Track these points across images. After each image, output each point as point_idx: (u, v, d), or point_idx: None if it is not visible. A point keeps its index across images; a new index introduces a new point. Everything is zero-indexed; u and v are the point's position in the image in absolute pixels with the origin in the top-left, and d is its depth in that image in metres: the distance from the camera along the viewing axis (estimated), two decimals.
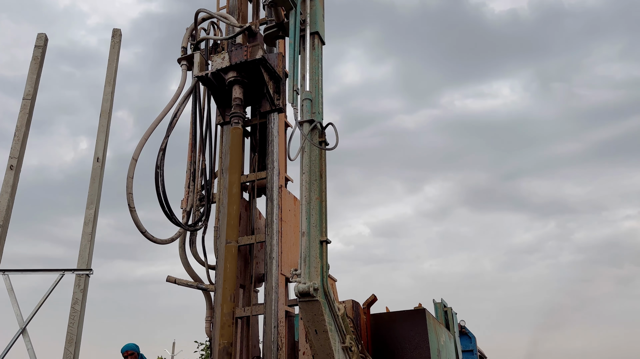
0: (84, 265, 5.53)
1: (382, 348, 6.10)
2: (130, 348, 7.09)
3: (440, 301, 8.09)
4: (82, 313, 5.27)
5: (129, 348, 7.11)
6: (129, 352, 7.11)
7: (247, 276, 5.52)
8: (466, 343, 10.65)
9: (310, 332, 4.04)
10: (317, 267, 4.04)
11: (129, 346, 7.15)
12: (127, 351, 7.11)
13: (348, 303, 5.75)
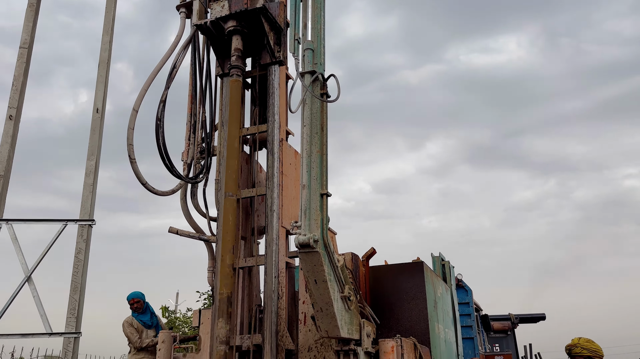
0: (86, 215, 5.59)
1: (380, 298, 6.24)
2: (136, 296, 7.31)
3: (438, 255, 8.21)
4: (86, 262, 5.38)
5: (135, 295, 7.33)
6: (135, 300, 7.33)
7: (248, 228, 5.58)
8: (462, 295, 10.91)
9: (310, 282, 4.12)
10: (318, 219, 4.08)
11: (135, 294, 7.37)
12: (133, 298, 7.32)
13: (347, 256, 5.84)
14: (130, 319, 7.33)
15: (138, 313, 7.39)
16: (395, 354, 4.59)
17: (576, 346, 3.99)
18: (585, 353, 3.90)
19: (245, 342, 4.96)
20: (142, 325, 7.30)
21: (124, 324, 7.27)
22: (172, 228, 5.61)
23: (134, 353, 7.14)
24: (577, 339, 4.04)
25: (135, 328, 7.24)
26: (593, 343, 3.95)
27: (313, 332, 5.15)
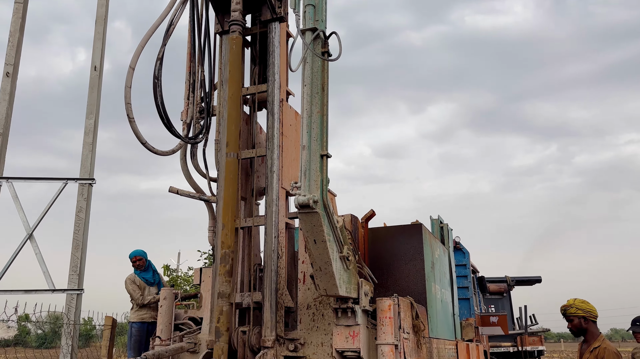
0: (86, 174, 5.59)
1: (379, 259, 6.32)
2: (138, 254, 7.42)
3: (437, 218, 8.27)
4: (87, 221, 5.42)
5: (137, 253, 7.43)
6: (138, 257, 7.44)
7: (248, 189, 5.59)
8: (460, 257, 11.05)
9: (309, 242, 4.15)
10: (317, 180, 4.08)
11: (137, 252, 7.47)
12: (136, 256, 7.43)
13: (347, 217, 5.88)
14: (132, 276, 7.45)
15: (140, 271, 7.51)
16: (392, 312, 4.68)
17: (571, 306, 4.02)
18: (580, 313, 3.94)
19: (246, 299, 5.05)
20: (144, 282, 7.43)
21: (126, 281, 7.40)
22: (172, 188, 5.63)
23: (136, 309, 7.29)
24: (573, 300, 4.07)
25: (137, 285, 7.37)
26: (588, 304, 4.00)
27: (312, 290, 5.24)
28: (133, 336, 7.08)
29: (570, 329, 4.09)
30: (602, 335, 3.95)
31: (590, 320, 3.94)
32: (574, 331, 4.05)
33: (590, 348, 3.85)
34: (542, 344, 16.63)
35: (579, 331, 3.98)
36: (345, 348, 4.67)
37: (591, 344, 3.88)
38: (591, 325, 3.94)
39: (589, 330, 3.93)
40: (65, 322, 5.13)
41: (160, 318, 5.59)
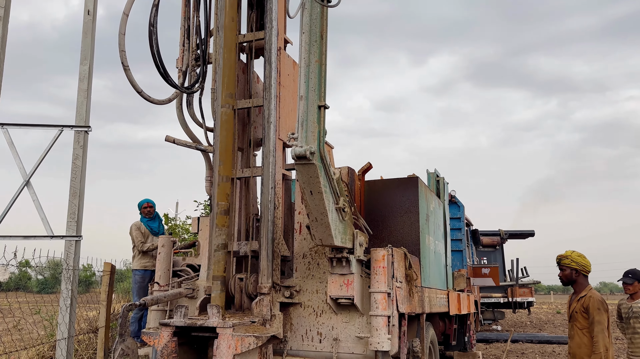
0: (82, 121, 5.54)
1: (374, 211, 6.39)
2: (150, 201, 7.65)
3: (434, 171, 8.29)
4: (84, 168, 5.42)
5: (148, 200, 7.69)
6: (149, 204, 7.69)
7: (245, 140, 5.56)
8: (454, 210, 11.17)
9: (305, 193, 4.18)
10: (315, 131, 4.05)
11: (148, 199, 7.70)
12: (148, 203, 7.68)
13: (344, 169, 5.89)
14: (138, 223, 7.59)
15: (148, 219, 7.67)
16: (385, 262, 4.78)
17: (567, 257, 4.09)
18: (573, 266, 4.03)
19: (243, 248, 5.13)
20: (150, 231, 7.56)
21: (132, 227, 7.53)
22: (168, 137, 5.60)
23: (139, 257, 7.42)
24: (571, 251, 4.14)
25: (142, 233, 7.50)
26: (584, 259, 4.07)
27: (308, 240, 5.32)
28: (137, 282, 7.27)
29: (560, 278, 4.19)
30: (590, 286, 4.07)
31: (581, 273, 4.04)
32: (563, 280, 4.16)
33: (577, 297, 4.00)
34: (532, 296, 17.13)
35: (568, 281, 4.10)
36: (340, 295, 4.80)
37: (579, 294, 4.02)
38: (581, 278, 4.05)
39: (578, 281, 4.05)
40: (64, 268, 5.22)
41: (158, 264, 5.70)
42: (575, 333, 3.95)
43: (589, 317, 3.84)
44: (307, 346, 5.10)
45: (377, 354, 4.58)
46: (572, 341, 3.98)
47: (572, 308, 4.04)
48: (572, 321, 4.02)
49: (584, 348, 3.83)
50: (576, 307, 3.97)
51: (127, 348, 4.30)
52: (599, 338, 3.74)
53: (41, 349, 7.22)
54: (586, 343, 3.84)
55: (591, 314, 3.83)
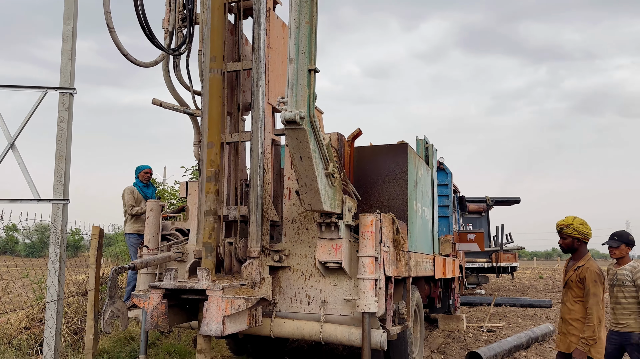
0: (67, 83, 5.42)
1: (363, 177, 6.42)
2: (150, 168, 7.75)
3: (423, 138, 8.30)
4: (70, 131, 5.33)
5: (148, 167, 7.75)
6: (150, 171, 7.77)
7: (234, 104, 5.49)
8: (442, 177, 11.25)
9: (295, 158, 4.16)
10: (304, 96, 4.01)
11: (148, 166, 7.82)
12: (149, 169, 7.74)
13: (333, 135, 5.87)
14: (132, 187, 7.58)
15: (144, 184, 7.66)
16: (374, 227, 4.83)
17: (569, 226, 3.95)
18: (576, 235, 3.92)
19: (232, 213, 5.14)
20: (143, 196, 7.55)
21: (125, 191, 7.52)
22: (155, 100, 5.51)
23: (132, 221, 7.43)
24: (572, 218, 3.99)
25: (134, 197, 7.49)
26: (586, 226, 3.97)
27: (297, 206, 5.34)
28: (133, 245, 7.34)
29: (560, 245, 4.10)
30: (588, 254, 4.01)
31: (582, 242, 3.97)
32: (564, 248, 4.07)
33: (575, 266, 3.95)
34: (515, 261, 17.50)
35: (569, 249, 4.02)
36: (328, 259, 4.86)
37: (577, 262, 3.96)
38: (582, 246, 3.98)
39: (579, 250, 3.98)
40: (52, 231, 5.20)
41: (147, 228, 5.70)
42: (567, 300, 3.95)
43: (585, 288, 3.82)
44: (295, 308, 5.19)
45: (364, 316, 4.68)
46: (564, 306, 3.99)
47: (568, 276, 3.99)
48: (567, 288, 3.98)
49: (574, 314, 3.86)
50: (572, 276, 3.92)
51: (117, 310, 4.35)
52: (593, 310, 3.75)
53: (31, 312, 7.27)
54: (577, 310, 3.85)
55: (587, 285, 3.80)
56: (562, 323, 3.99)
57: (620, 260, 4.77)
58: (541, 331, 8.79)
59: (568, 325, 3.88)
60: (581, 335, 3.75)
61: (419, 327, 6.71)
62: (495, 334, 9.32)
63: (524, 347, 7.93)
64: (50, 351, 5.14)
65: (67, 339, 6.45)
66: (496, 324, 10.49)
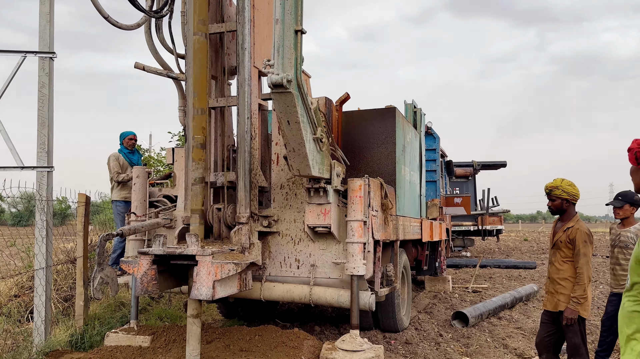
0: (46, 47, 5.25)
1: (352, 142, 6.39)
2: (135, 134, 7.65)
3: (411, 102, 8.26)
4: (51, 97, 5.20)
5: (134, 133, 7.64)
6: (135, 137, 7.67)
7: (219, 68, 5.38)
8: (430, 142, 11.27)
9: (282, 123, 4.12)
10: (291, 58, 3.93)
11: (133, 132, 7.71)
12: (134, 135, 7.65)
13: (321, 100, 5.80)
14: (117, 154, 7.48)
15: (129, 150, 7.56)
16: (362, 192, 4.84)
17: (557, 187, 3.96)
18: (564, 196, 3.93)
19: (220, 179, 5.11)
20: (129, 163, 7.46)
21: (110, 157, 7.42)
22: (137, 64, 5.37)
23: (119, 188, 7.35)
24: (560, 180, 4.00)
25: (120, 164, 7.40)
26: (574, 187, 3.98)
27: (285, 171, 5.33)
28: (120, 213, 7.29)
29: (549, 207, 4.12)
30: (577, 215, 4.04)
31: (571, 203, 3.99)
32: (553, 210, 4.09)
33: (564, 227, 3.98)
34: (501, 224, 17.79)
35: (558, 211, 4.04)
36: (317, 224, 4.89)
37: (566, 223, 3.99)
38: (571, 207, 4.00)
39: (568, 211, 4.00)
40: (37, 199, 5.14)
41: (134, 195, 5.66)
42: (555, 260, 3.99)
43: (574, 248, 3.86)
44: (285, 272, 5.25)
45: (352, 278, 4.75)
46: (552, 266, 4.04)
47: (556, 237, 4.02)
48: (555, 249, 4.02)
49: (563, 273, 3.91)
50: (561, 237, 3.95)
51: (107, 276, 4.35)
52: (583, 270, 3.80)
53: (20, 280, 7.26)
54: (565, 270, 3.90)
55: (577, 246, 3.84)
56: (549, 282, 4.05)
57: (624, 220, 4.69)
58: (525, 291, 9.01)
59: (556, 284, 3.94)
60: (572, 294, 3.82)
61: (406, 289, 6.84)
62: (481, 294, 9.55)
63: (508, 307, 8.14)
64: (40, 317, 5.16)
65: (57, 306, 6.48)
66: (481, 285, 10.73)
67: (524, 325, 6.95)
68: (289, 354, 4.71)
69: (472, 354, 5.55)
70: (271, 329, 5.28)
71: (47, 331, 5.20)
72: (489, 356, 5.48)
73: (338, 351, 4.58)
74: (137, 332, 5.34)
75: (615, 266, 4.71)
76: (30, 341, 5.07)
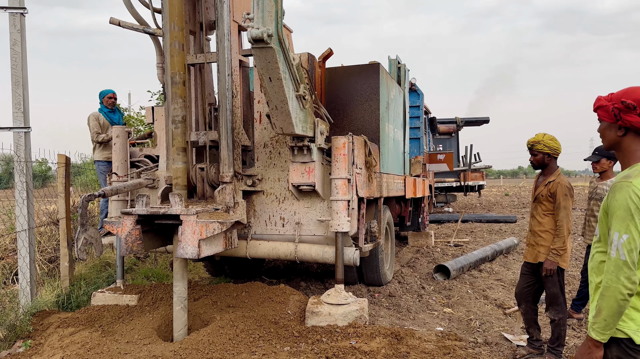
0: (16, 3, 5.02)
1: (335, 100, 6.33)
2: (114, 92, 7.44)
3: (395, 58, 8.15)
4: (24, 55, 5.01)
5: (113, 91, 7.44)
6: (114, 95, 7.46)
7: (197, 22, 5.21)
8: (414, 98, 11.22)
9: (264, 80, 4.04)
10: (272, 12, 3.81)
11: (112, 90, 7.50)
12: (113, 94, 7.45)
13: (304, 56, 5.69)
14: (97, 114, 7.29)
15: (109, 109, 7.38)
16: (346, 150, 4.84)
17: (539, 142, 3.99)
18: (546, 150, 3.96)
19: (202, 138, 5.05)
20: (110, 122, 7.30)
21: (90, 117, 7.23)
22: (113, 19, 5.18)
23: (101, 148, 7.22)
24: (542, 135, 4.02)
25: (100, 124, 7.23)
26: (555, 142, 4.01)
27: (268, 130, 5.27)
28: (102, 173, 7.19)
29: (531, 162, 4.16)
30: (558, 170, 4.09)
31: (553, 157, 4.03)
32: (535, 165, 4.13)
33: (545, 181, 4.03)
34: (483, 180, 18.03)
35: (540, 165, 4.09)
36: (301, 182, 4.89)
37: (547, 178, 4.04)
38: (552, 162, 4.05)
39: (549, 166, 4.05)
40: (15, 160, 5.04)
41: (115, 155, 5.58)
42: (537, 214, 4.06)
43: (555, 202, 3.93)
44: (270, 230, 5.29)
45: (337, 235, 4.81)
46: (533, 219, 4.12)
47: (538, 191, 4.08)
48: (536, 203, 4.08)
49: (543, 226, 4.00)
50: (543, 191, 4.01)
51: (90, 237, 4.34)
52: (563, 223, 3.89)
53: (2, 242, 7.21)
54: (546, 222, 3.99)
55: (558, 199, 3.91)
56: (530, 235, 4.15)
57: (602, 174, 4.81)
58: (506, 244, 9.25)
59: (537, 237, 4.04)
60: (552, 246, 3.92)
61: (389, 244, 6.97)
62: (462, 248, 9.78)
63: (489, 259, 8.37)
64: (25, 279, 5.16)
65: (42, 268, 6.48)
66: (463, 239, 10.97)
67: (504, 277, 7.17)
68: (276, 309, 4.81)
69: (453, 306, 5.73)
70: (258, 286, 5.37)
71: (32, 292, 5.21)
72: (470, 306, 5.67)
73: (324, 304, 4.69)
74: (124, 291, 5.38)
75: (590, 217, 4.85)
76: (16, 302, 5.09)
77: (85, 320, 4.71)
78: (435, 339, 4.31)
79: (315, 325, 4.55)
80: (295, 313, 4.79)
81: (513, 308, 5.53)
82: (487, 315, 5.34)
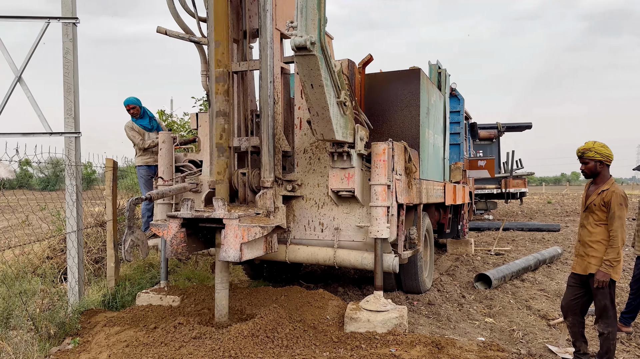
0: (68, 12, 5.25)
1: (375, 105, 6.32)
2: (131, 102, 7.21)
3: (435, 63, 8.07)
4: (76, 63, 5.23)
5: (130, 102, 7.22)
6: (131, 106, 7.28)
7: (240, 31, 5.31)
8: (454, 104, 11.06)
9: (306, 86, 4.08)
10: (315, 20, 3.85)
11: (129, 100, 7.25)
12: (129, 104, 7.25)
13: (344, 62, 5.71)
14: (130, 123, 7.45)
15: (136, 118, 7.49)
16: (386, 156, 4.82)
17: (590, 150, 3.87)
18: (598, 157, 3.85)
19: (244, 144, 5.13)
20: (143, 129, 7.46)
21: (126, 128, 7.42)
22: (160, 28, 5.35)
23: (140, 154, 7.43)
24: (592, 143, 3.90)
25: (136, 132, 7.41)
26: (606, 149, 3.88)
27: (308, 136, 5.32)
28: (142, 177, 7.36)
29: (582, 171, 4.02)
30: (612, 178, 3.94)
31: (605, 164, 3.90)
32: (587, 173, 3.99)
33: (598, 190, 3.88)
34: (525, 187, 17.58)
35: (591, 174, 3.95)
36: (341, 188, 4.91)
37: (600, 186, 3.90)
38: (605, 169, 3.91)
39: (602, 173, 3.91)
40: (67, 164, 5.25)
41: (160, 160, 5.74)
42: (588, 223, 3.92)
43: (609, 211, 3.78)
44: (309, 235, 5.32)
45: (376, 241, 4.79)
46: (583, 229, 3.97)
47: (590, 200, 3.93)
48: (588, 212, 3.93)
49: (595, 236, 3.82)
50: (595, 200, 3.86)
51: (137, 239, 4.47)
52: (617, 233, 3.73)
53: (52, 243, 7.52)
54: (598, 233, 3.83)
55: (612, 209, 3.76)
56: (579, 246, 3.99)
57: None
58: (549, 253, 8.98)
59: (587, 247, 3.88)
60: (605, 257, 3.76)
61: (428, 251, 6.88)
62: (503, 257, 9.55)
63: (531, 269, 8.14)
64: (74, 278, 5.37)
65: (88, 268, 6.72)
66: (504, 247, 10.72)
67: (548, 287, 6.96)
68: (315, 313, 4.83)
69: (495, 315, 5.60)
70: (296, 290, 5.41)
71: (80, 291, 5.41)
72: (512, 317, 5.53)
73: (363, 311, 4.68)
74: (167, 292, 5.52)
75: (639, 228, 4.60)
76: (65, 300, 5.29)
77: (131, 319, 4.85)
78: (477, 350, 4.23)
79: (354, 331, 4.54)
80: (333, 319, 4.80)
81: (558, 319, 5.36)
82: (530, 326, 5.20)
